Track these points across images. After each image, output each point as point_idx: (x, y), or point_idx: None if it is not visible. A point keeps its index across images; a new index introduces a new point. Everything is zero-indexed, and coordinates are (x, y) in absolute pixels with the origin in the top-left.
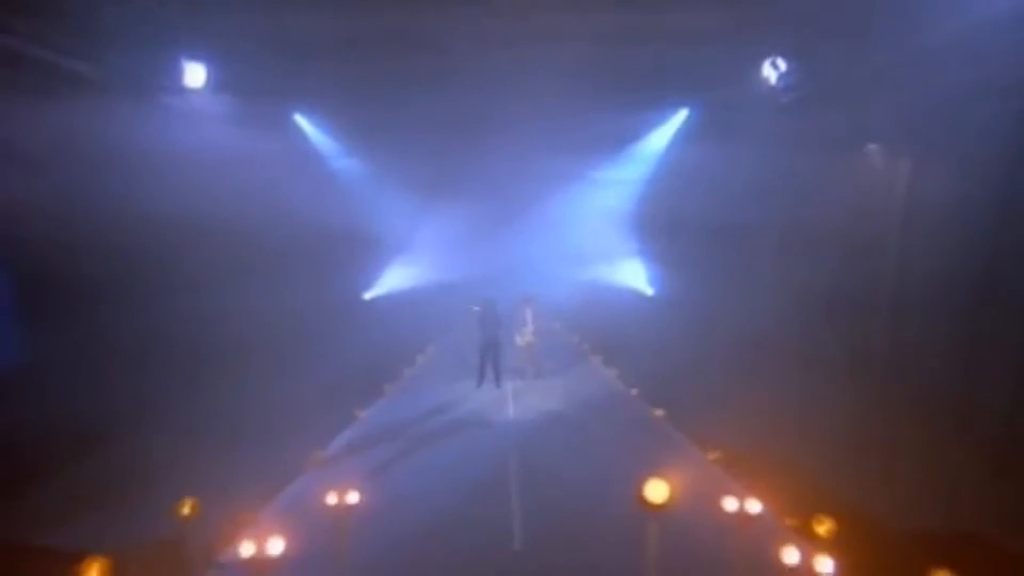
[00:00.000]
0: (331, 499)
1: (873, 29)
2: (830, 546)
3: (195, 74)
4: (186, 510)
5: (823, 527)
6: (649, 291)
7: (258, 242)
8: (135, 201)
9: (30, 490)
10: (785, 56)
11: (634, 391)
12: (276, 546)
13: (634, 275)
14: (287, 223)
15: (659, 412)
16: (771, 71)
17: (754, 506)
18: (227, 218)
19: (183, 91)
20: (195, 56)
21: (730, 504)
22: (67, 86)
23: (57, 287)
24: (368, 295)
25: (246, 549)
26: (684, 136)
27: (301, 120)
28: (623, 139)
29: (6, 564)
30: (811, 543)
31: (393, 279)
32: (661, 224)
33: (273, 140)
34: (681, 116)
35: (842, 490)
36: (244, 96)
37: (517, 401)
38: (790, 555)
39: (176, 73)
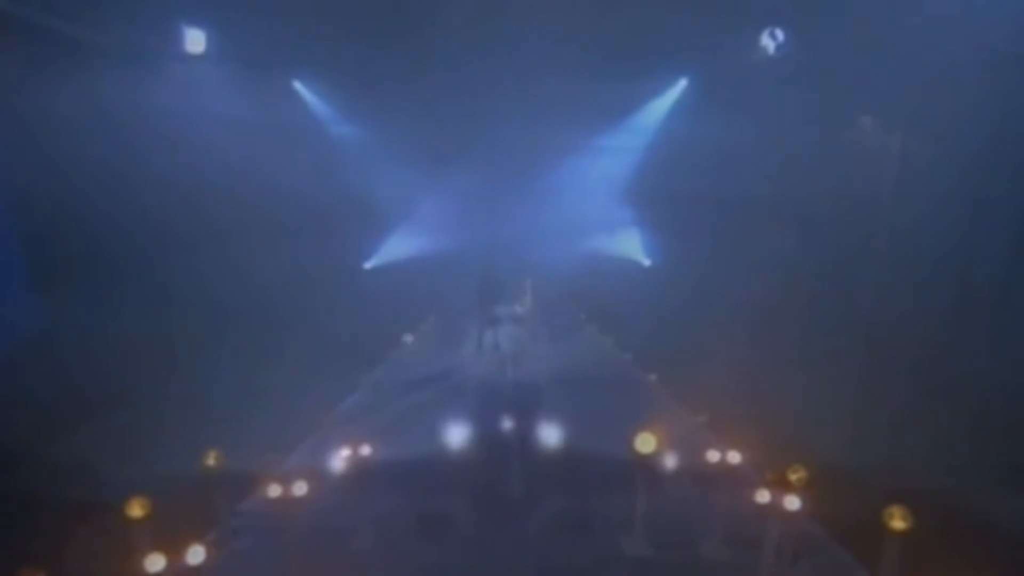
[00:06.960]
0: (345, 452)
1: (869, 1)
2: (802, 492)
3: (195, 40)
4: (211, 461)
5: (796, 475)
6: (646, 261)
7: (257, 208)
8: (139, 165)
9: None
10: (783, 27)
11: (628, 356)
12: (300, 488)
13: (631, 245)
14: (286, 190)
15: (652, 376)
16: (769, 41)
17: (735, 457)
18: (231, 183)
19: (184, 57)
20: (195, 22)
21: (713, 456)
22: (70, 52)
23: (68, 253)
24: (369, 264)
25: (273, 491)
26: (683, 106)
27: (300, 87)
28: (624, 108)
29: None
30: (784, 488)
31: (394, 249)
32: (658, 194)
33: (272, 107)
34: (680, 86)
35: (823, 448)
36: (244, 63)
37: (516, 366)
38: (762, 495)
39: (177, 39)
